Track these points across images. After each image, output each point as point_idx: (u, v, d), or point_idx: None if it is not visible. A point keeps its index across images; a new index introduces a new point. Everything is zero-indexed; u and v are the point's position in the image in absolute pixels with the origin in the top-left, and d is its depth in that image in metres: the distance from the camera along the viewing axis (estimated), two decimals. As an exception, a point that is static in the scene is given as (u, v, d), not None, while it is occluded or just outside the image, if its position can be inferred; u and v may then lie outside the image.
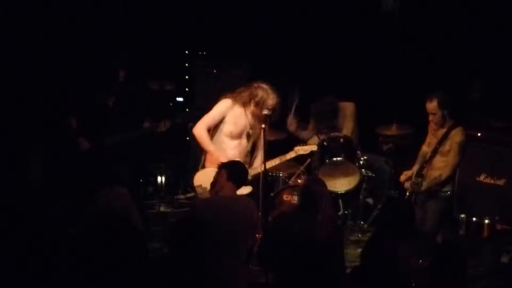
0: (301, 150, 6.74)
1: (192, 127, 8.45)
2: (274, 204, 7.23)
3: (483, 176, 7.48)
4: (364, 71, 8.53)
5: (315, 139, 7.61)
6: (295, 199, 7.09)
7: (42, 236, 5.57)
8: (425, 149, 6.74)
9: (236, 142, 6.59)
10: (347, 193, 7.41)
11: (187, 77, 8.97)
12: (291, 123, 7.77)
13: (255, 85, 6.52)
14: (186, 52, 9.13)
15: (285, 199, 7.23)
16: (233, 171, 5.70)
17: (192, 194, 7.54)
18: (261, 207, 6.88)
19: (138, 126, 7.01)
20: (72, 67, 7.80)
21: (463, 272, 4.46)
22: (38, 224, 6.26)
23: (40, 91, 7.70)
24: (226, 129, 6.56)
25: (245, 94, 6.52)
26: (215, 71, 8.81)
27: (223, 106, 6.54)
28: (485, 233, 7.35)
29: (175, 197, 8.64)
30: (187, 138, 8.39)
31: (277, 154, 7.71)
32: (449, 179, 6.52)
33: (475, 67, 8.42)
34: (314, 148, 6.82)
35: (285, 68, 8.73)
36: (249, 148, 6.65)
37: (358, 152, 7.44)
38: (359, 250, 7.14)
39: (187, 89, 8.96)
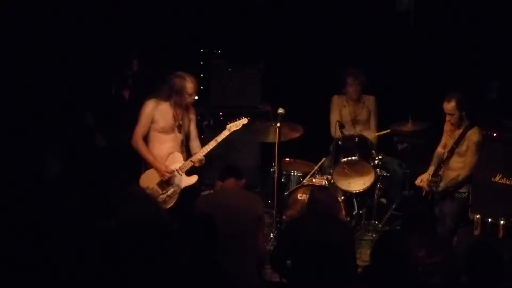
0: (233, 126, 6.73)
1: (207, 125, 8.55)
2: (288, 203, 7.23)
3: (499, 177, 7.41)
4: (379, 69, 8.50)
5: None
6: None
7: (62, 234, 5.60)
8: (440, 150, 6.71)
9: (171, 135, 6.67)
10: (362, 193, 7.39)
11: (202, 75, 8.97)
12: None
13: (170, 76, 6.59)
14: (202, 50, 9.13)
15: (299, 198, 7.23)
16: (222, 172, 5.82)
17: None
18: (276, 206, 6.92)
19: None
20: (87, 61, 7.82)
21: (499, 273, 4.44)
22: (55, 223, 6.30)
23: (55, 86, 7.72)
24: (158, 126, 6.62)
25: (165, 89, 6.61)
26: (230, 69, 8.82)
27: (147, 109, 6.62)
28: (501, 234, 7.30)
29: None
30: (201, 136, 8.41)
31: (290, 152, 7.77)
32: (467, 180, 6.50)
33: (492, 67, 8.37)
34: (245, 121, 6.76)
35: (300, 65, 8.75)
36: (182, 138, 6.70)
37: (373, 151, 7.42)
38: (374, 249, 7.17)
39: (202, 88, 8.96)
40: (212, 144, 6.68)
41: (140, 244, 4.57)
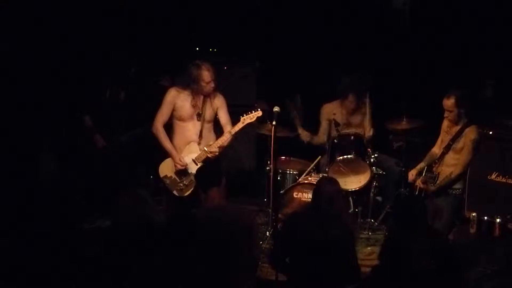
0: (247, 119, 6.73)
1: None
2: (284, 201, 7.22)
3: (495, 175, 7.43)
4: (375, 67, 8.49)
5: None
6: (305, 196, 7.10)
7: (56, 236, 5.59)
8: (435, 150, 6.73)
9: (190, 123, 6.76)
10: (358, 191, 7.38)
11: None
12: (304, 134, 7.76)
13: (188, 65, 6.69)
14: (197, 48, 9.12)
15: (295, 196, 7.23)
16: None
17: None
18: (271, 204, 6.91)
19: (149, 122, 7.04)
20: (83, 64, 7.81)
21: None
22: (52, 225, 6.29)
23: (53, 89, 7.71)
24: (177, 115, 6.75)
25: (183, 78, 6.72)
26: (226, 68, 8.81)
27: (168, 97, 6.76)
28: (497, 232, 7.32)
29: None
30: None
31: (287, 152, 7.75)
32: (460, 177, 6.52)
33: (488, 65, 8.37)
34: (259, 114, 6.75)
35: (294, 66, 8.74)
36: (201, 127, 6.76)
37: (369, 149, 7.41)
38: (369, 248, 7.18)
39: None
40: (226, 136, 6.74)
41: (135, 245, 4.57)
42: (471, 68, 8.41)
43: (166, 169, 6.78)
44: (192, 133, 6.77)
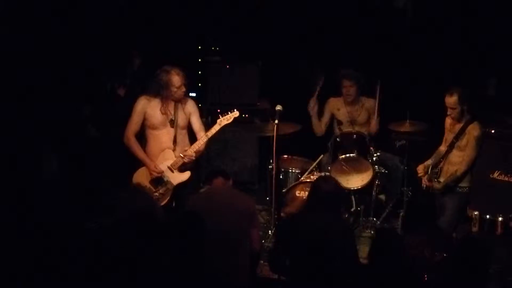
0: (224, 120, 6.61)
1: (204, 122, 8.53)
2: (287, 200, 7.23)
3: (497, 173, 7.44)
4: (377, 67, 8.49)
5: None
6: (307, 195, 7.09)
7: (58, 234, 5.59)
8: (442, 149, 6.72)
9: (163, 131, 6.61)
10: (360, 190, 7.38)
11: (200, 72, 8.96)
12: (313, 106, 7.70)
13: (157, 72, 6.56)
14: (199, 47, 9.12)
15: (297, 195, 7.23)
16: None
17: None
18: (274, 203, 6.91)
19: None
20: (84, 56, 7.81)
21: (485, 268, 4.43)
22: (54, 221, 6.29)
23: (53, 81, 7.72)
24: (149, 123, 6.60)
25: (153, 85, 6.57)
26: (228, 66, 8.81)
27: (138, 105, 6.61)
28: (499, 231, 7.32)
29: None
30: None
31: (289, 150, 7.75)
32: (465, 174, 6.51)
33: (490, 64, 8.37)
34: (236, 114, 6.64)
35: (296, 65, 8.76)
36: (175, 133, 6.62)
37: (371, 148, 7.41)
38: (372, 247, 7.17)
39: (199, 85, 8.95)
40: (203, 140, 6.58)
41: (136, 242, 4.57)
42: (473, 67, 8.41)
43: (139, 178, 6.58)
44: (166, 140, 6.60)
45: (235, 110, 6.65)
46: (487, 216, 7.41)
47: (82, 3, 8.07)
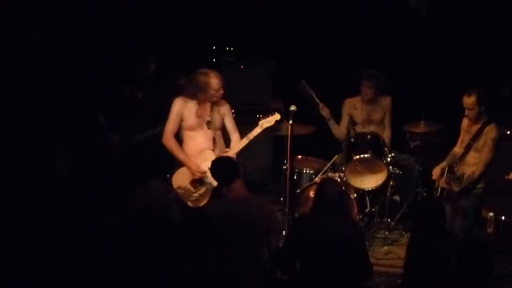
0: (265, 123, 6.63)
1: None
2: (300, 200, 7.22)
3: (512, 174, 7.41)
4: (392, 68, 8.47)
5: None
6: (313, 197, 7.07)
7: (72, 235, 5.61)
8: (457, 150, 6.68)
9: (200, 132, 6.64)
10: (374, 190, 7.36)
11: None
12: (325, 110, 7.68)
13: (194, 74, 6.59)
14: (214, 47, 9.13)
15: (311, 195, 7.18)
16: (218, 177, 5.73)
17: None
18: (288, 204, 6.90)
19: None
20: (101, 60, 7.84)
21: (489, 271, 4.42)
22: (67, 223, 6.31)
23: (68, 86, 7.74)
24: (186, 125, 6.63)
25: (190, 87, 6.61)
26: (242, 66, 8.81)
27: (175, 107, 6.64)
28: (514, 232, 7.29)
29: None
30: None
31: (304, 151, 7.74)
32: (482, 176, 6.46)
33: (506, 64, 8.33)
34: (277, 117, 6.67)
35: (310, 65, 8.73)
36: (213, 134, 6.65)
37: (386, 149, 7.39)
38: (386, 247, 7.17)
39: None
40: (244, 142, 6.63)
41: (145, 241, 4.58)
42: (488, 67, 8.37)
43: (179, 179, 6.60)
44: (204, 141, 6.64)
45: (276, 113, 6.68)
46: (502, 217, 7.37)
47: (95, 5, 8.08)
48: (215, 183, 6.44)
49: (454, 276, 4.47)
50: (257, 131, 6.61)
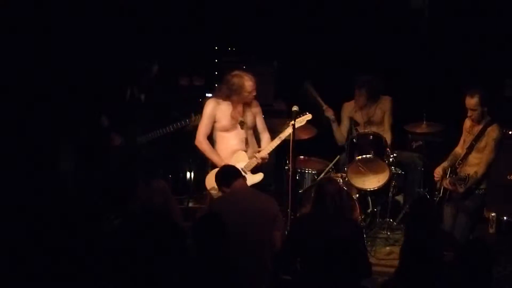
0: (297, 123, 6.65)
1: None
2: (303, 201, 7.23)
3: (514, 175, 7.43)
4: (393, 68, 8.49)
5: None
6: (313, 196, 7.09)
7: (76, 234, 5.62)
8: (458, 150, 6.68)
9: (233, 133, 6.71)
10: (376, 191, 7.37)
11: (216, 72, 8.97)
12: (329, 111, 7.72)
13: (228, 76, 6.68)
14: (216, 48, 9.14)
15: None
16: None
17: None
18: (290, 204, 6.90)
19: (169, 121, 7.08)
20: (103, 62, 7.85)
21: (489, 271, 4.43)
22: (72, 223, 6.32)
23: (71, 88, 7.76)
24: (220, 126, 6.70)
25: (224, 88, 6.68)
26: (244, 67, 8.81)
27: (208, 108, 6.71)
28: (516, 232, 7.31)
29: (204, 192, 8.65)
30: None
31: (306, 151, 7.75)
32: (485, 176, 6.46)
33: (507, 65, 8.34)
34: (309, 117, 6.75)
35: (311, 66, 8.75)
36: (245, 135, 6.74)
37: (388, 149, 7.39)
38: (388, 247, 7.19)
39: (216, 85, 8.96)
40: (276, 142, 6.71)
41: (146, 242, 4.60)
42: (490, 67, 8.38)
43: (213, 180, 6.50)
44: (237, 141, 6.70)
45: (307, 113, 6.74)
46: (504, 218, 7.39)
47: (96, 5, 8.10)
48: (248, 183, 6.45)
49: (448, 276, 4.48)
50: (288, 131, 6.64)
